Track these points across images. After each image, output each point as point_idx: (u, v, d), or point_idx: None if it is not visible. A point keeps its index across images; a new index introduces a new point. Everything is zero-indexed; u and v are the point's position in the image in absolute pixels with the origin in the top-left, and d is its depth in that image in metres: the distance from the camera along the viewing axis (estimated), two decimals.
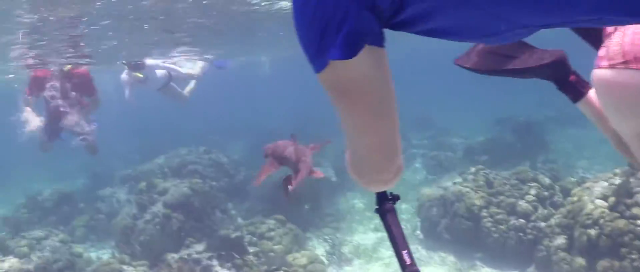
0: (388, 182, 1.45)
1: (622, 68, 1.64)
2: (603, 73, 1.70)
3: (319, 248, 9.73)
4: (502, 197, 8.95)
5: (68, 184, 14.05)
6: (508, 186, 9.12)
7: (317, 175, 5.37)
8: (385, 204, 1.65)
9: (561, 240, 7.58)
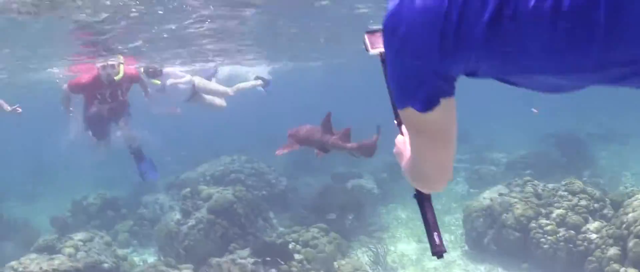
0: (438, 189, 1.71)
1: None
2: None
3: (363, 257, 9.68)
4: (551, 208, 8.81)
5: (112, 190, 14.23)
6: (557, 197, 8.99)
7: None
8: (422, 192, 1.87)
9: (614, 251, 7.44)
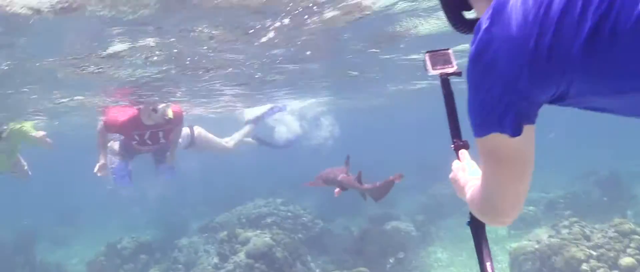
0: (506, 222, 1.62)
1: None
2: None
3: None
4: (602, 250, 8.52)
5: (143, 233, 14.16)
6: (607, 239, 8.70)
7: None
8: (478, 220, 1.80)
9: None
